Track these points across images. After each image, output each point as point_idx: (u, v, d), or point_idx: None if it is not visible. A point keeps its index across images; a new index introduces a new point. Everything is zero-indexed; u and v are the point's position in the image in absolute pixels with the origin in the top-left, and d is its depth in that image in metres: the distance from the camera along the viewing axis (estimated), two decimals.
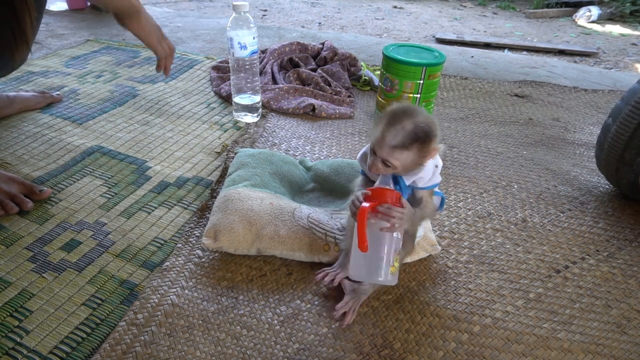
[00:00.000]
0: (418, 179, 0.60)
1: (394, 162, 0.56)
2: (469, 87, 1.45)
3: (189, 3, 3.62)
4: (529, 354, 0.60)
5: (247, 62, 1.05)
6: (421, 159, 0.56)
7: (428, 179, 0.60)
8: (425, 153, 0.56)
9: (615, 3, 3.79)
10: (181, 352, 0.57)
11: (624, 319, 0.66)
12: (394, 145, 0.54)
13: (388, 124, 0.55)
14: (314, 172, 0.89)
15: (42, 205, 0.82)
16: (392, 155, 0.55)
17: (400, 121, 0.54)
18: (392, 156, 0.55)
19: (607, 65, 2.61)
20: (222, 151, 1.02)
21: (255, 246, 0.70)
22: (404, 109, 0.56)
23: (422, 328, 0.63)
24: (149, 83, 1.33)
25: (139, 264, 0.72)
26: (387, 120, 0.55)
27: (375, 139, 0.56)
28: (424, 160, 0.57)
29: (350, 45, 1.83)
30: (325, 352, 0.59)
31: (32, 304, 0.64)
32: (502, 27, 3.46)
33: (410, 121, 0.54)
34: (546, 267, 0.75)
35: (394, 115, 0.55)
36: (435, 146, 0.56)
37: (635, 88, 0.83)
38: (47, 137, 1.03)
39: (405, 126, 0.54)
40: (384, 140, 0.55)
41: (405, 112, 0.55)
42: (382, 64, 1.11)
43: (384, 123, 0.55)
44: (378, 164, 0.57)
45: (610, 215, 0.88)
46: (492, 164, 1.03)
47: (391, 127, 0.54)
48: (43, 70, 1.36)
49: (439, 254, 0.76)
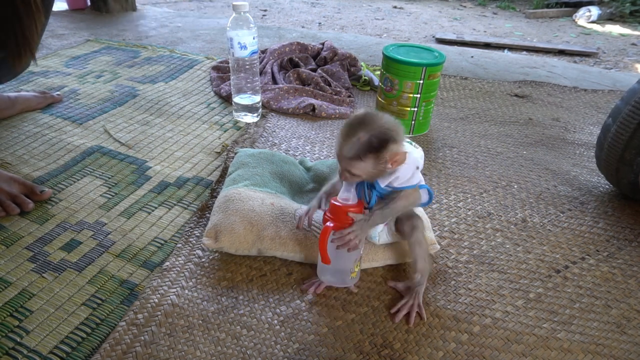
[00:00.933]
0: (394, 179, 0.60)
1: (355, 172, 0.57)
2: (469, 87, 1.45)
3: (189, 3, 3.62)
4: (529, 354, 0.60)
5: (247, 62, 1.05)
6: (383, 166, 0.56)
7: (406, 180, 0.61)
8: (384, 160, 0.55)
9: (615, 3, 3.80)
10: (181, 352, 0.57)
11: (623, 319, 0.66)
12: (350, 157, 0.55)
13: (344, 136, 0.55)
14: (314, 172, 0.89)
15: (42, 206, 0.82)
16: (351, 166, 0.56)
17: (355, 133, 0.54)
18: (352, 167, 0.56)
19: (607, 65, 2.61)
20: (222, 151, 1.02)
21: (256, 247, 0.70)
22: (360, 119, 0.55)
23: (422, 328, 0.63)
24: (149, 83, 1.33)
25: (139, 264, 0.72)
26: (343, 133, 0.56)
27: (335, 151, 0.57)
28: (387, 167, 0.56)
29: (350, 45, 1.83)
30: (325, 352, 0.59)
31: (32, 304, 0.64)
32: (502, 27, 3.47)
33: (364, 131, 0.54)
34: (546, 267, 0.75)
35: (349, 127, 0.55)
36: (396, 151, 0.55)
37: (635, 88, 0.83)
38: (47, 137, 1.03)
39: (360, 137, 0.54)
40: (341, 152, 0.56)
41: (360, 122, 0.55)
42: (382, 64, 1.11)
43: (341, 135, 0.56)
44: (345, 173, 0.58)
45: (610, 215, 0.88)
46: (492, 164, 1.03)
47: (347, 139, 0.55)
48: (43, 71, 1.36)
49: (439, 253, 0.76)
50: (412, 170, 0.60)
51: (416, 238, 0.65)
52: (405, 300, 0.65)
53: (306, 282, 0.68)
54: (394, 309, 0.64)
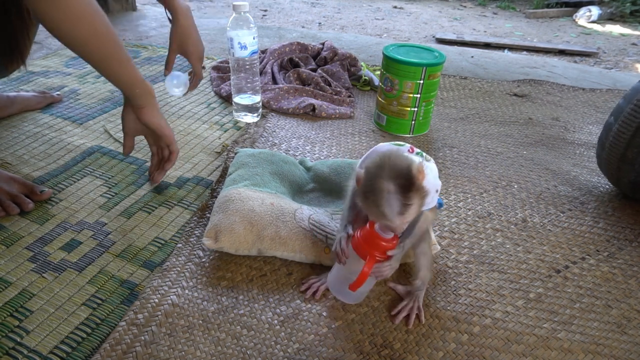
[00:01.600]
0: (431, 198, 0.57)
1: (409, 219, 0.53)
2: (469, 87, 1.45)
3: (189, 3, 3.62)
4: (529, 354, 0.60)
5: (247, 62, 1.05)
6: (423, 190, 0.53)
7: (428, 203, 0.58)
8: (421, 186, 0.52)
9: (615, 3, 3.80)
10: (181, 352, 0.57)
11: (624, 319, 0.66)
12: (400, 213, 0.51)
13: (376, 204, 0.51)
14: (314, 172, 0.89)
15: (42, 205, 0.82)
16: (405, 219, 0.53)
17: (381, 191, 0.51)
18: (405, 220, 0.53)
19: (607, 65, 2.61)
20: (222, 151, 1.02)
21: (256, 247, 0.70)
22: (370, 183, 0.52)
23: (422, 328, 0.63)
24: (149, 83, 1.33)
25: (139, 264, 0.72)
26: (371, 201, 0.52)
27: (380, 221, 0.54)
28: (424, 189, 0.53)
29: (350, 45, 1.83)
30: (325, 352, 0.59)
31: (32, 304, 0.64)
32: (502, 27, 3.47)
33: (387, 183, 0.51)
34: (546, 267, 0.75)
35: (371, 191, 0.52)
36: (418, 169, 0.51)
37: (637, 87, 0.83)
38: (47, 137, 1.03)
39: (389, 190, 0.51)
40: (389, 215, 0.51)
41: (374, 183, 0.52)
42: (382, 64, 1.11)
43: (372, 204, 0.52)
44: (403, 226, 0.54)
45: (611, 215, 0.88)
46: (492, 164, 1.03)
47: (381, 203, 0.51)
48: (43, 70, 1.36)
49: (439, 254, 0.76)
50: (434, 193, 0.58)
51: (422, 249, 0.65)
52: (405, 302, 0.65)
53: (305, 283, 0.68)
54: (394, 310, 0.64)
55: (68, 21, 0.64)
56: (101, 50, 0.69)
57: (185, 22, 0.94)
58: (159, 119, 0.82)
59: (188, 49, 0.97)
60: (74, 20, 0.64)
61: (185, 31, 0.95)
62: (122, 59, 0.73)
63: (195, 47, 0.98)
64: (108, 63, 0.72)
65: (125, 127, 0.82)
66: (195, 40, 0.98)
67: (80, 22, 0.65)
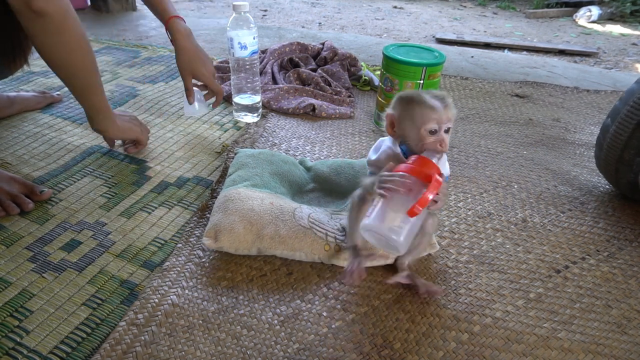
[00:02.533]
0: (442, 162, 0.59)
1: (452, 119, 0.59)
2: (469, 87, 1.45)
3: (189, 3, 3.62)
4: (529, 353, 0.60)
5: (247, 62, 1.05)
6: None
7: (444, 165, 0.60)
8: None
9: (615, 3, 3.79)
10: (181, 352, 0.57)
11: (624, 319, 0.66)
12: (443, 106, 0.58)
13: (421, 103, 0.58)
14: (314, 172, 0.89)
15: (42, 205, 0.82)
16: (449, 115, 0.58)
17: (421, 95, 0.59)
18: (449, 116, 0.58)
19: (607, 65, 2.61)
20: (222, 151, 1.02)
21: (255, 246, 0.70)
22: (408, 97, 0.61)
23: (422, 328, 0.63)
24: (149, 83, 1.33)
25: (139, 264, 0.72)
26: (414, 105, 0.59)
27: (438, 114, 0.57)
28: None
29: (350, 45, 1.83)
30: (325, 352, 0.59)
31: (32, 304, 0.64)
32: (502, 27, 3.46)
33: (424, 93, 0.60)
34: (546, 267, 0.75)
35: (411, 102, 0.60)
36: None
37: (633, 88, 0.83)
38: (47, 137, 1.03)
39: (428, 93, 0.59)
40: (435, 109, 0.57)
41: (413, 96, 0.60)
42: (382, 64, 1.11)
43: (416, 106, 0.59)
44: (448, 122, 0.59)
45: (611, 215, 0.88)
46: (492, 164, 1.03)
47: (426, 100, 0.58)
48: (43, 70, 1.36)
49: (439, 254, 0.76)
50: (445, 160, 0.61)
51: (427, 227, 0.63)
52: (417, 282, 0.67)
53: (344, 273, 0.64)
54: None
55: (64, 51, 0.69)
56: (86, 80, 0.76)
57: (186, 44, 0.95)
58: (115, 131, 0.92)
59: (198, 70, 0.97)
60: (69, 51, 0.69)
61: (189, 53, 0.96)
62: (99, 90, 0.81)
63: (205, 66, 0.98)
64: (87, 91, 0.79)
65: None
66: (203, 61, 0.98)
67: (75, 53, 0.70)
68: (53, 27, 0.65)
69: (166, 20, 0.94)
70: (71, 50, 0.69)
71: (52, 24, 0.64)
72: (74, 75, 0.74)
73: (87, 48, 0.73)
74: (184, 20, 0.96)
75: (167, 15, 0.94)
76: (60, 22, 0.64)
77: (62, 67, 0.71)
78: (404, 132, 0.61)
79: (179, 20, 0.94)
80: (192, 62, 0.96)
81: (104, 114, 0.86)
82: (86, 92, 0.80)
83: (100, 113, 0.86)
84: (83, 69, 0.74)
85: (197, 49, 0.97)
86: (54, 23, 0.64)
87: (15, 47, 0.86)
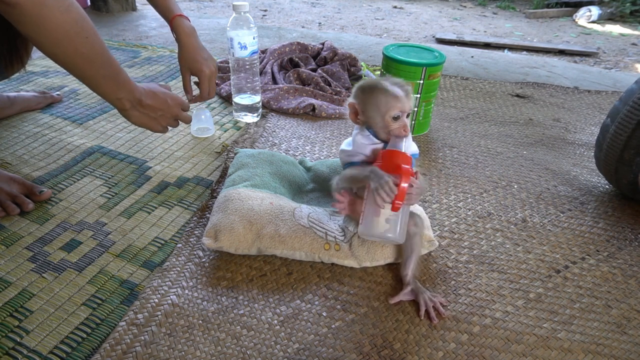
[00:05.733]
0: (408, 144, 0.64)
1: (411, 105, 0.65)
2: (469, 87, 1.45)
3: (189, 3, 3.62)
4: (529, 354, 0.60)
5: (247, 62, 1.05)
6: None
7: (411, 146, 0.65)
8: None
9: (615, 3, 3.79)
10: (181, 352, 0.57)
11: (624, 319, 0.66)
12: (404, 94, 0.63)
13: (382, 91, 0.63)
14: (313, 172, 0.89)
15: (42, 206, 0.82)
16: (409, 103, 0.64)
17: (381, 82, 0.64)
18: (409, 104, 0.64)
19: (607, 65, 2.61)
20: (222, 151, 1.02)
21: (255, 246, 0.70)
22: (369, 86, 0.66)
23: (421, 328, 0.63)
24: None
25: (139, 264, 0.72)
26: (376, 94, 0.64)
27: (399, 100, 0.62)
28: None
29: (350, 45, 1.83)
30: (325, 352, 0.59)
31: (32, 304, 0.64)
32: (502, 27, 3.46)
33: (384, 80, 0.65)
34: (546, 267, 0.75)
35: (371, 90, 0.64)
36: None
37: (632, 88, 0.83)
38: (47, 137, 1.03)
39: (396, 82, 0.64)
40: (395, 95, 0.62)
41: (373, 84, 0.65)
42: (382, 64, 1.11)
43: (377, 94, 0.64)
44: (409, 105, 0.64)
45: (610, 215, 0.88)
46: (492, 164, 1.03)
47: (386, 86, 0.63)
48: (43, 70, 1.36)
49: (439, 254, 0.76)
50: (411, 139, 0.66)
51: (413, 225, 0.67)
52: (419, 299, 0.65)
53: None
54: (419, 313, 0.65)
55: (48, 43, 0.66)
56: (86, 71, 0.71)
57: (188, 41, 0.94)
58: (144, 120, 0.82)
59: (196, 68, 0.96)
60: (54, 42, 0.65)
61: (190, 50, 0.95)
62: (101, 81, 0.73)
63: (205, 65, 0.96)
64: (91, 83, 0.73)
65: None
66: (204, 59, 0.96)
67: (61, 44, 0.66)
68: (28, 19, 0.60)
69: (170, 19, 0.93)
70: (57, 41, 0.64)
71: (26, 16, 0.60)
72: (73, 66, 0.69)
73: (76, 37, 0.66)
74: (188, 19, 0.95)
75: (172, 14, 0.93)
76: (35, 13, 0.59)
77: (55, 58, 0.67)
78: (369, 120, 0.66)
79: (183, 18, 0.94)
80: (192, 59, 0.95)
81: (118, 106, 0.78)
82: (92, 83, 0.73)
83: (115, 104, 0.77)
84: (80, 59, 0.68)
85: (199, 47, 0.96)
86: (27, 14, 0.60)
87: (12, 51, 0.86)
